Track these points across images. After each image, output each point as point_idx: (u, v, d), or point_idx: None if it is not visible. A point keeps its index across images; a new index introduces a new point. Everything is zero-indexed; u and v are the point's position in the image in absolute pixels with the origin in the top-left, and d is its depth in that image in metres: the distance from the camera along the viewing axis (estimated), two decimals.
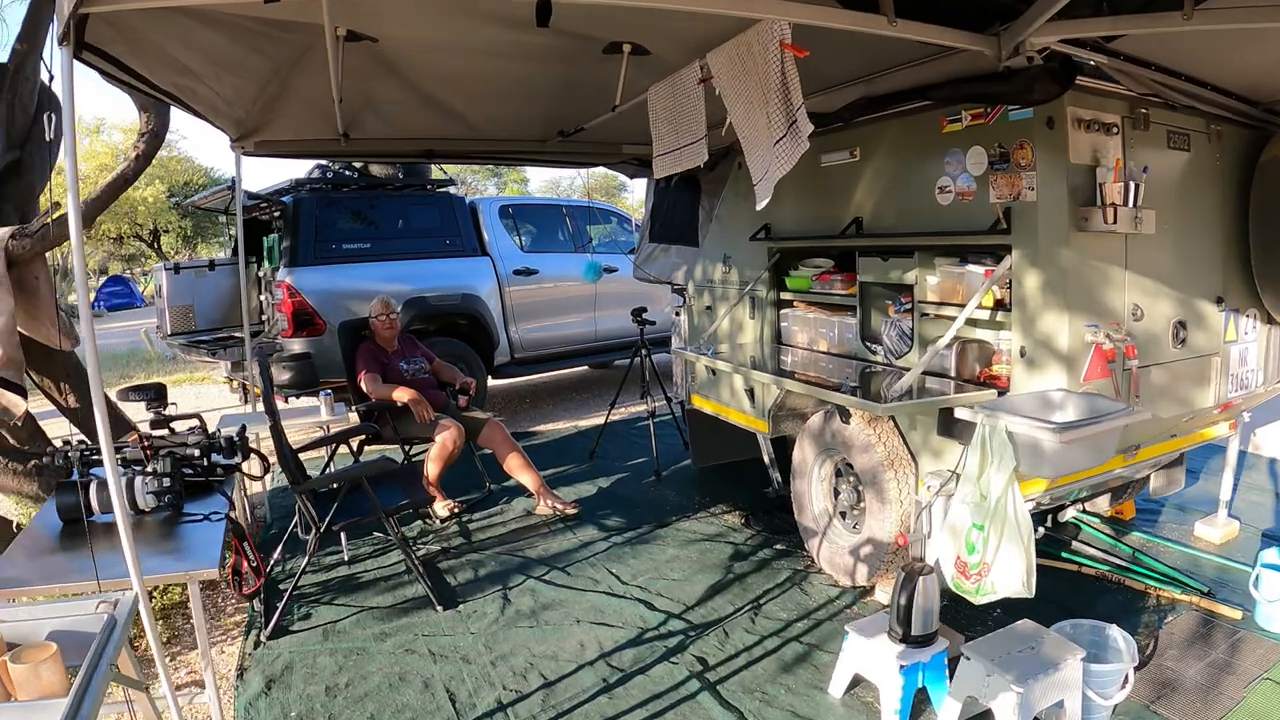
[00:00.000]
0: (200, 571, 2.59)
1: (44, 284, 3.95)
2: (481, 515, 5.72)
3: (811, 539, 4.53)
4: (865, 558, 4.12)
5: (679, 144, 3.68)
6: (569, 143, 5.60)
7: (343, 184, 8.06)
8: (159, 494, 3.08)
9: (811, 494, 4.51)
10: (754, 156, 3.08)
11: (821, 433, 4.33)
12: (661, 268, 6.56)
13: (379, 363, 5.80)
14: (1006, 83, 3.32)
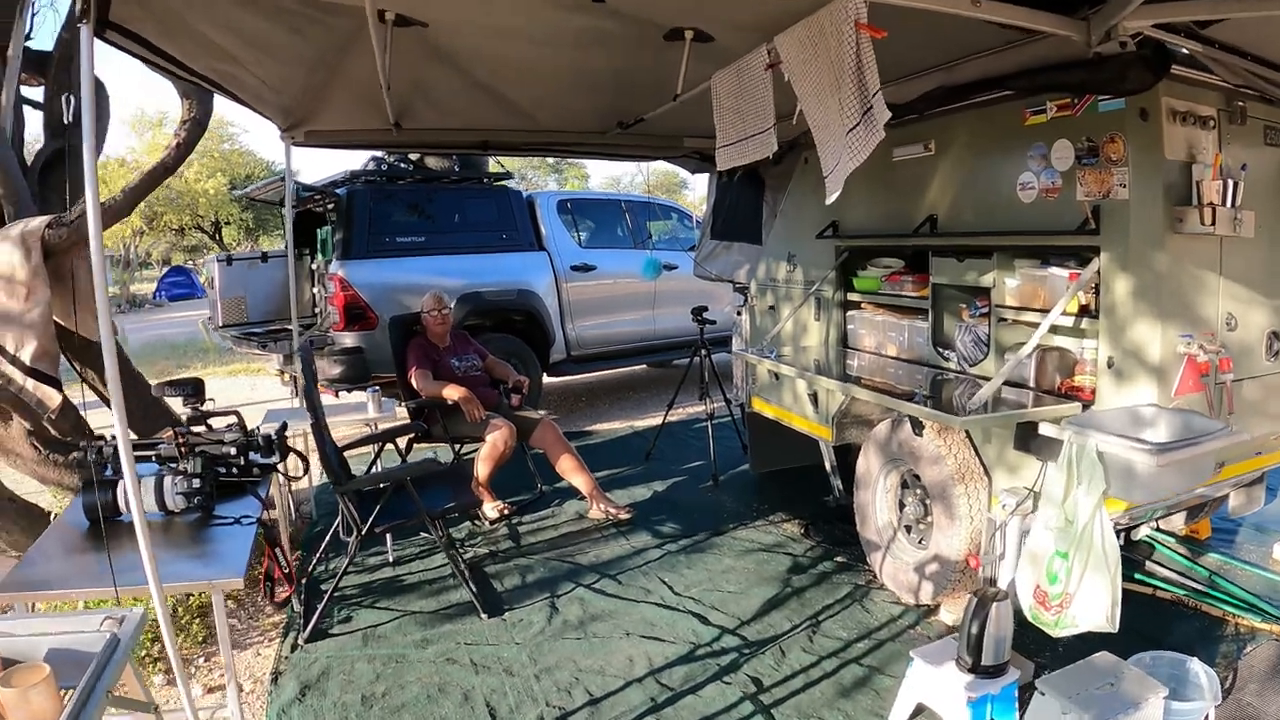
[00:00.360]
0: (224, 581, 2.50)
1: (82, 274, 3.92)
2: (532, 518, 5.62)
3: (874, 553, 4.35)
4: (931, 575, 3.93)
5: (744, 134, 3.50)
6: (628, 135, 5.46)
7: (398, 176, 8.02)
8: (188, 495, 3.00)
9: (875, 506, 4.33)
10: (825, 147, 2.89)
11: (888, 442, 4.14)
12: (723, 266, 6.40)
13: (430, 359, 5.72)
14: (1096, 71, 3.09)
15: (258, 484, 3.44)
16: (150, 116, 30.18)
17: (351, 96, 4.40)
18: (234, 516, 3.01)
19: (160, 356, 16.16)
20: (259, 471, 3.49)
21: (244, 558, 2.68)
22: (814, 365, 4.63)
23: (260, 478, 3.50)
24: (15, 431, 4.71)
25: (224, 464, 3.43)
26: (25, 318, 3.64)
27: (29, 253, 3.66)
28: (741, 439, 6.68)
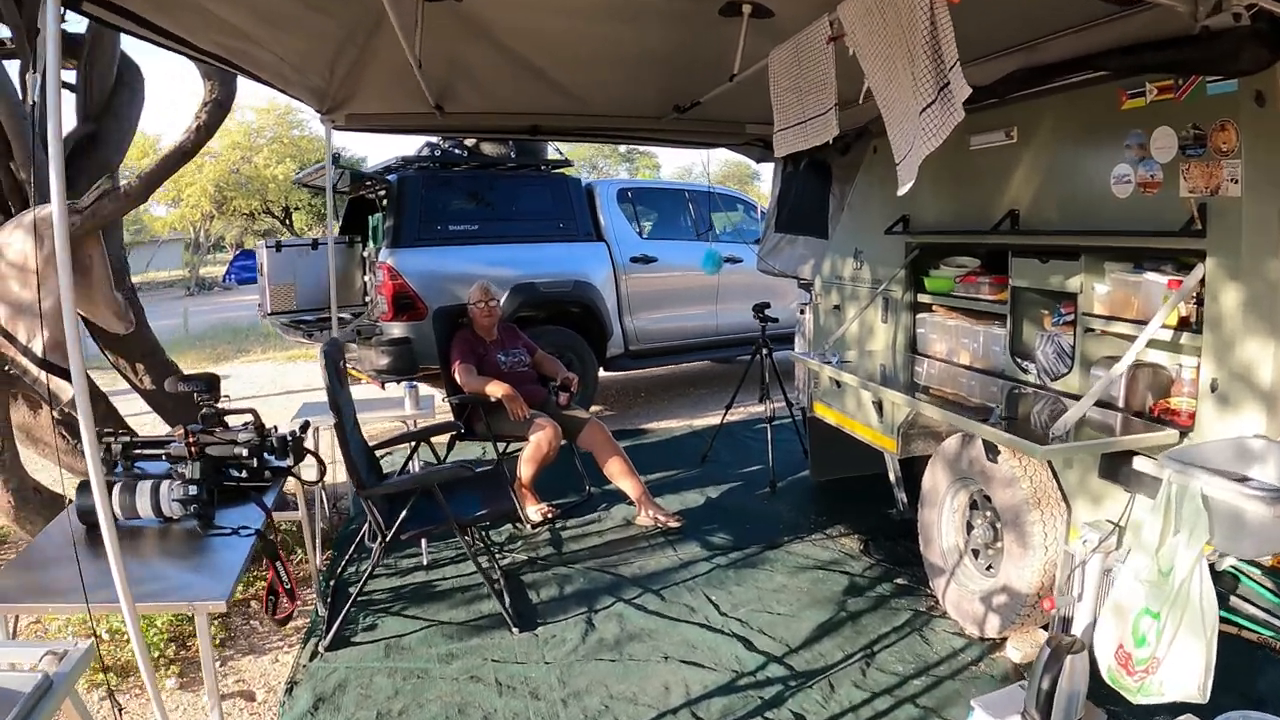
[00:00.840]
0: (206, 604, 2.29)
1: (97, 263, 3.78)
2: (576, 522, 5.40)
3: (937, 577, 4.04)
4: (998, 607, 3.61)
5: (804, 116, 3.19)
6: (686, 120, 5.21)
7: (452, 162, 7.85)
8: (184, 501, 2.81)
9: (941, 526, 4.01)
10: (895, 129, 2.58)
11: (957, 459, 3.82)
12: (787, 260, 6.11)
13: (475, 353, 5.52)
14: (1205, 48, 2.71)
15: (266, 489, 3.25)
16: None
17: (388, 78, 4.22)
18: (233, 527, 2.81)
19: (222, 340, 16.33)
20: (271, 475, 3.31)
21: (234, 575, 2.48)
22: (879, 373, 4.33)
23: (271, 482, 3.31)
24: (44, 421, 4.64)
25: (235, 466, 3.25)
26: (39, 308, 3.50)
27: (41, 240, 3.52)
28: (802, 443, 6.37)
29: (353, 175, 8.22)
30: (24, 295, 3.49)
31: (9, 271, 3.47)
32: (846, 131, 3.39)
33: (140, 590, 2.37)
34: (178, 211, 32.46)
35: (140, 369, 4.99)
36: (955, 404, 3.52)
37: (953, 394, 3.75)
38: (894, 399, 4.04)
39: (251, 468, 3.25)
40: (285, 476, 3.39)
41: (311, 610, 4.30)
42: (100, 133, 4.67)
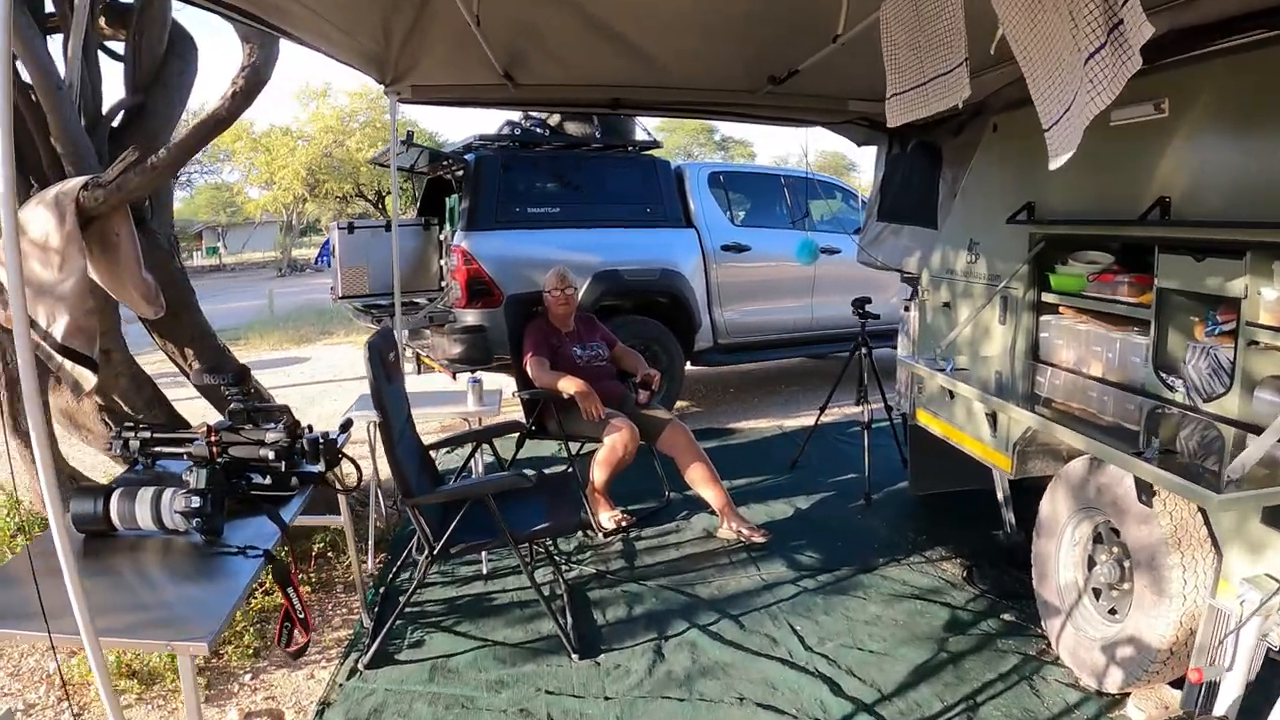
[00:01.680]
0: (187, 645, 1.99)
1: (125, 241, 3.55)
2: (653, 531, 5.07)
3: (1051, 617, 3.59)
4: (1122, 660, 3.15)
5: (924, 76, 2.76)
6: (782, 94, 4.81)
7: (532, 142, 7.57)
8: (186, 514, 2.54)
9: (1058, 560, 3.56)
10: (1045, 85, 2.15)
11: (1083, 485, 3.37)
12: (890, 252, 5.68)
13: (549, 345, 5.23)
14: None
15: (287, 500, 2.97)
16: (315, 87, 31.32)
17: (451, 44, 3.95)
18: (241, 545, 2.53)
19: (306, 322, 16.43)
20: (300, 482, 3.03)
21: (227, 608, 2.18)
22: (995, 382, 3.89)
23: (298, 490, 3.03)
24: (87, 406, 4.51)
25: (261, 470, 2.99)
26: (58, 289, 3.29)
27: (63, 217, 3.30)
28: (901, 451, 5.96)
29: (431, 155, 8.00)
30: (44, 275, 3.28)
31: (30, 250, 3.25)
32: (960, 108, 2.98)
33: (115, 622, 2.12)
34: (270, 194, 33.02)
35: (190, 354, 4.81)
36: (1086, 423, 3.08)
37: (1081, 410, 3.30)
38: (1017, 416, 3.55)
39: (279, 473, 2.98)
40: (315, 484, 3.11)
41: (356, 620, 4.06)
42: (149, 104, 4.49)
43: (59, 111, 3.89)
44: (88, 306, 3.33)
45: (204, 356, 4.87)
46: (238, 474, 3.01)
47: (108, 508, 2.57)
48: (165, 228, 4.78)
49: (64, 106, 3.88)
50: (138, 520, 2.57)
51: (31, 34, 3.74)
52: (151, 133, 4.44)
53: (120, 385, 4.52)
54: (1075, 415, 3.21)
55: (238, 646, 3.76)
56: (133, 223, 3.66)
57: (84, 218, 3.36)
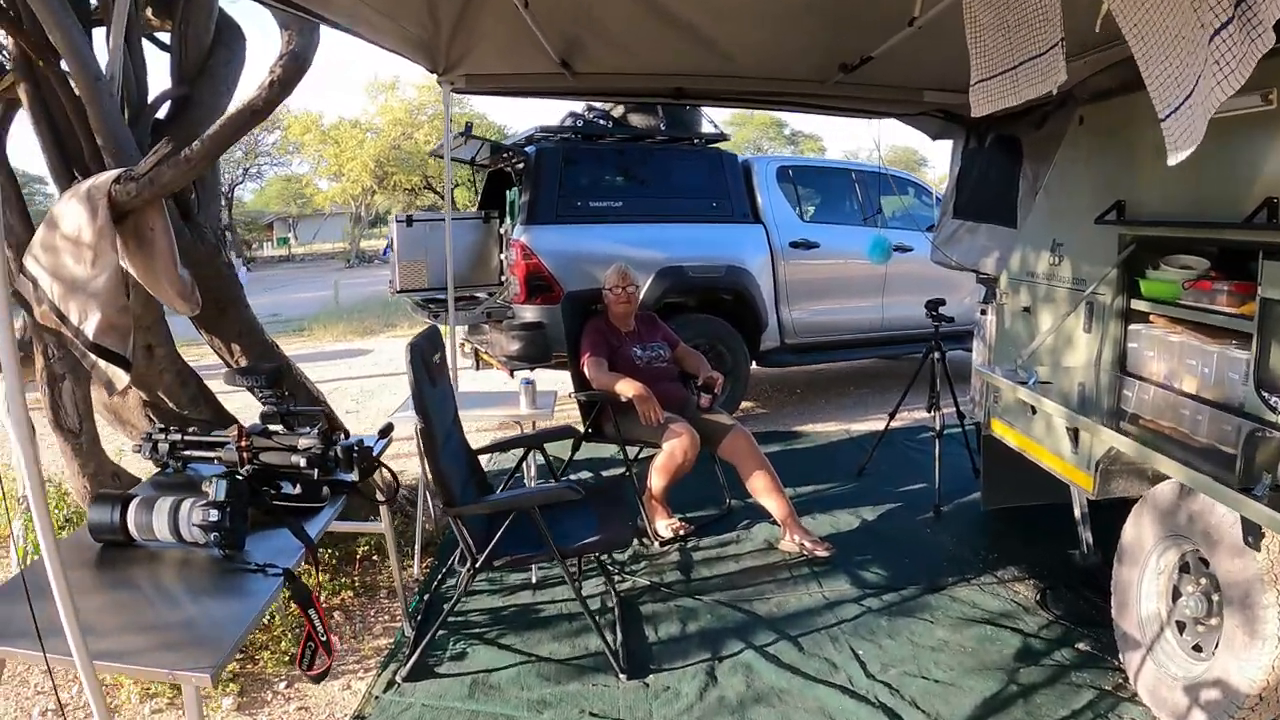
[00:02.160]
0: (190, 675, 1.88)
1: (160, 236, 3.47)
2: (712, 541, 4.91)
3: (1130, 651, 3.35)
4: (1206, 703, 2.90)
5: (1015, 60, 2.54)
6: (853, 83, 4.62)
7: (595, 134, 7.44)
8: (204, 527, 2.44)
9: (1140, 589, 3.32)
10: (1162, 66, 1.93)
11: (1171, 511, 3.13)
12: (966, 251, 5.44)
13: (607, 345, 5.09)
14: None
15: (316, 511, 2.87)
16: (384, 80, 31.71)
17: (504, 30, 3.82)
18: (261, 563, 2.41)
19: (370, 314, 16.54)
20: (332, 491, 2.93)
21: (238, 634, 2.08)
22: (1078, 394, 3.65)
23: (327, 501, 2.93)
24: (131, 402, 4.50)
25: (291, 478, 2.89)
26: (90, 286, 3.24)
27: (95, 211, 3.24)
28: (973, 460, 5.72)
29: (492, 147, 7.92)
30: (77, 271, 3.23)
31: (63, 245, 3.21)
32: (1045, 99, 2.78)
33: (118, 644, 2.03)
34: (339, 186, 33.47)
35: (236, 350, 4.76)
36: (1178, 445, 2.85)
37: (1171, 429, 3.07)
38: (1107, 438, 3.30)
39: (311, 481, 2.88)
40: (348, 494, 3.01)
41: (398, 629, 3.97)
42: (194, 95, 4.43)
43: (98, 103, 3.84)
44: (120, 304, 3.28)
45: (250, 352, 4.83)
46: (268, 481, 2.93)
47: (125, 517, 2.48)
48: (212, 221, 4.73)
49: (102, 98, 3.83)
50: (155, 531, 2.48)
51: (69, 23, 3.69)
52: (196, 124, 4.38)
53: (164, 381, 4.48)
54: (1165, 435, 2.98)
55: (274, 653, 3.70)
56: (168, 217, 3.61)
57: (118, 212, 3.30)
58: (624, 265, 5.27)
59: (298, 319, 17.90)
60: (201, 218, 4.64)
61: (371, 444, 3.11)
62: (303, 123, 34.50)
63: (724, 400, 7.41)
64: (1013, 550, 4.70)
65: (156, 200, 3.53)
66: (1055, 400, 3.44)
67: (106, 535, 2.53)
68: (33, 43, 3.93)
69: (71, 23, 3.70)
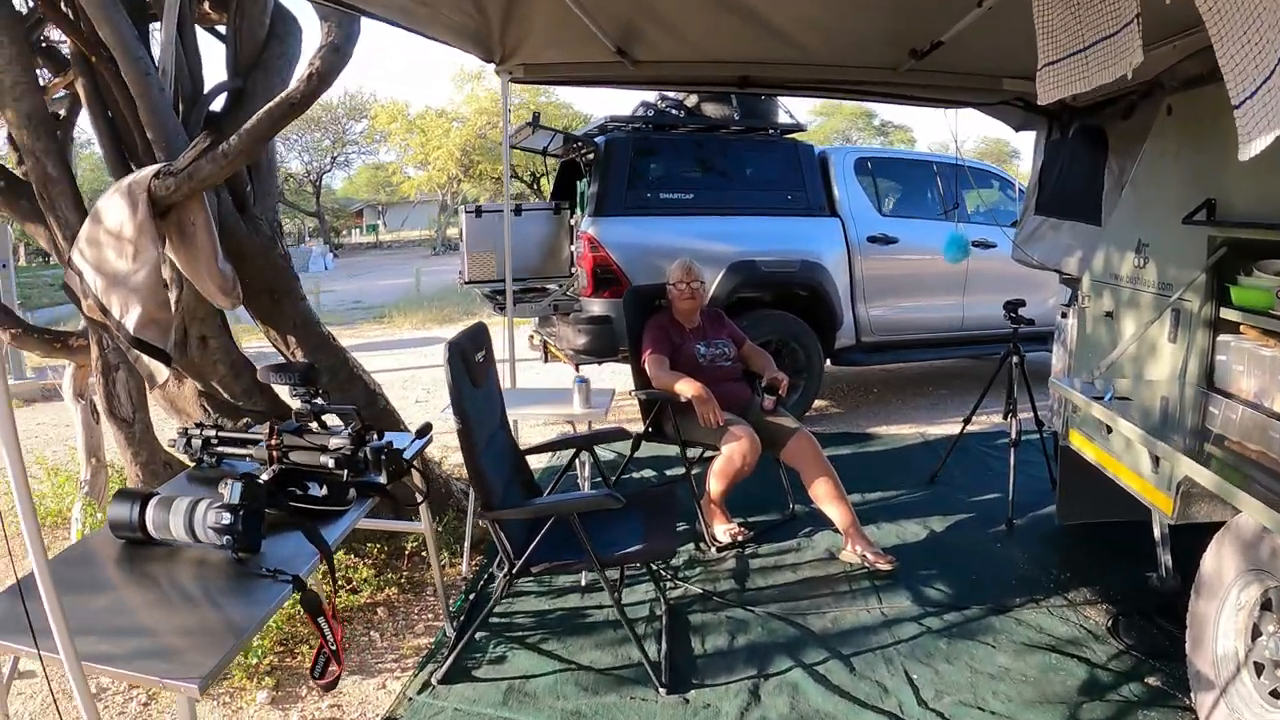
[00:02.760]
0: (179, 684, 1.80)
1: (201, 230, 3.45)
2: (771, 548, 4.75)
3: (1203, 690, 3.08)
4: None
5: (1085, 40, 2.33)
6: (926, 70, 4.40)
7: (666, 124, 7.28)
8: (219, 529, 2.37)
9: (1217, 625, 3.05)
10: (1238, 47, 1.74)
11: (1255, 543, 2.86)
12: (1048, 250, 5.18)
13: (669, 342, 4.95)
14: None
15: (339, 514, 2.78)
16: (470, 70, 32.01)
17: (556, 19, 3.71)
18: (273, 568, 2.34)
19: (450, 302, 16.67)
20: (359, 493, 2.85)
21: (235, 642, 2.00)
22: (1160, 411, 3.41)
23: (354, 503, 2.85)
24: (188, 391, 4.53)
25: (320, 479, 2.82)
26: (131, 280, 3.23)
27: (135, 206, 3.22)
28: (1050, 471, 5.47)
29: (566, 138, 7.82)
30: (119, 266, 3.22)
31: (106, 239, 3.19)
32: (1130, 89, 2.59)
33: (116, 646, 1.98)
34: (425, 174, 33.87)
35: (292, 341, 4.74)
36: (1266, 471, 2.61)
37: (1259, 453, 2.82)
38: (1186, 468, 3.04)
39: (339, 482, 2.80)
40: (374, 498, 2.92)
41: (440, 629, 3.90)
42: (248, 87, 4.39)
43: (148, 97, 3.83)
44: (160, 298, 3.26)
45: (306, 344, 4.80)
46: (295, 481, 2.87)
47: (144, 515, 2.43)
48: (269, 213, 4.71)
49: (152, 92, 3.81)
50: (171, 531, 2.43)
51: (119, 18, 3.67)
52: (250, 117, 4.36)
53: (219, 372, 4.50)
54: (1252, 460, 2.74)
55: (313, 647, 3.64)
56: (209, 212, 3.57)
57: (160, 207, 3.28)
58: (689, 260, 5.11)
59: (379, 306, 18.14)
60: (257, 210, 4.62)
61: (405, 444, 3.03)
62: (389, 111, 35.02)
63: (797, 399, 7.25)
64: (1086, 570, 4.44)
65: (197, 194, 3.50)
66: (1133, 419, 3.19)
67: (125, 533, 2.50)
68: (85, 39, 3.95)
69: (121, 17, 3.69)
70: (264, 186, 4.78)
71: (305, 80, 3.51)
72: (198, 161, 3.41)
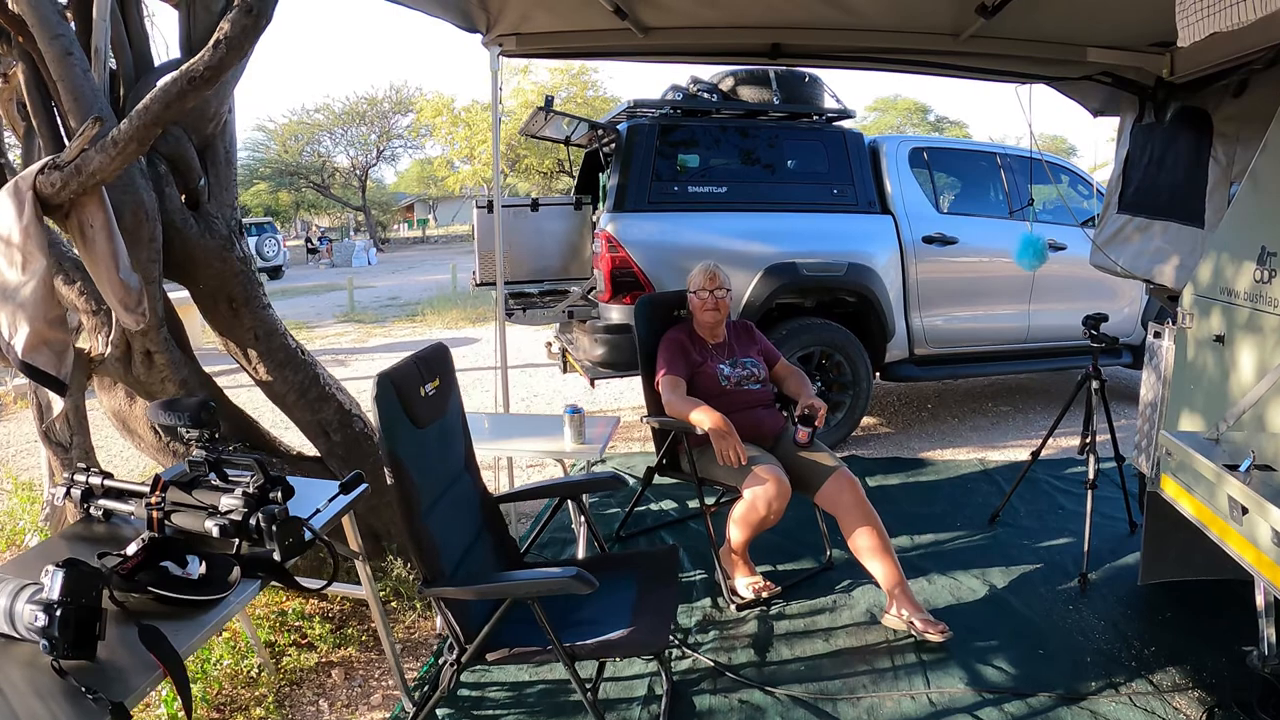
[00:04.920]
0: None
1: (100, 234, 2.86)
2: (801, 607, 4.05)
3: None
4: None
5: None
6: (995, 36, 3.69)
7: (697, 109, 6.56)
8: (37, 631, 1.78)
9: None
10: None
11: None
12: (1135, 256, 4.43)
13: (687, 361, 4.25)
14: None
15: (210, 604, 2.14)
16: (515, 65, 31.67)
17: None
18: (93, 688, 1.71)
19: (485, 300, 16.27)
20: (242, 573, 2.20)
21: None
22: None
23: (231, 589, 2.19)
24: (139, 410, 4.08)
25: (201, 553, 2.20)
26: (20, 294, 2.69)
27: (22, 207, 2.65)
28: (1130, 509, 4.78)
29: (590, 126, 7.15)
30: (9, 277, 2.67)
31: None
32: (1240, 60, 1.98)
33: None
34: (471, 169, 33.60)
35: (253, 356, 4.16)
36: None
37: None
38: None
39: (227, 555, 2.18)
40: (264, 578, 2.28)
41: (398, 702, 3.30)
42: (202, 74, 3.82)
43: (69, 79, 3.28)
44: (52, 315, 2.74)
45: (269, 359, 4.22)
46: (175, 552, 2.24)
47: None
48: (225, 211, 4.13)
49: (74, 73, 3.25)
50: None
51: None
52: (203, 104, 3.83)
53: (169, 390, 3.98)
54: None
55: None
56: (110, 212, 2.97)
57: (51, 207, 2.70)
58: (714, 265, 4.38)
59: (414, 303, 17.74)
60: (212, 206, 4.08)
61: (322, 503, 2.39)
62: (435, 105, 34.74)
63: (841, 419, 6.53)
64: (1174, 643, 3.68)
65: (94, 192, 2.90)
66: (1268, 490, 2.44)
67: None
68: (9, 16, 3.45)
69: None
70: (221, 180, 4.19)
71: (211, 49, 2.84)
72: (86, 152, 2.79)
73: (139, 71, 3.88)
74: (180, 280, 4.06)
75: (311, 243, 37.67)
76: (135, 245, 3.51)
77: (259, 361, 4.21)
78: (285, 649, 3.69)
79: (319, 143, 40.94)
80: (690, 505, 5.27)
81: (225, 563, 2.23)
